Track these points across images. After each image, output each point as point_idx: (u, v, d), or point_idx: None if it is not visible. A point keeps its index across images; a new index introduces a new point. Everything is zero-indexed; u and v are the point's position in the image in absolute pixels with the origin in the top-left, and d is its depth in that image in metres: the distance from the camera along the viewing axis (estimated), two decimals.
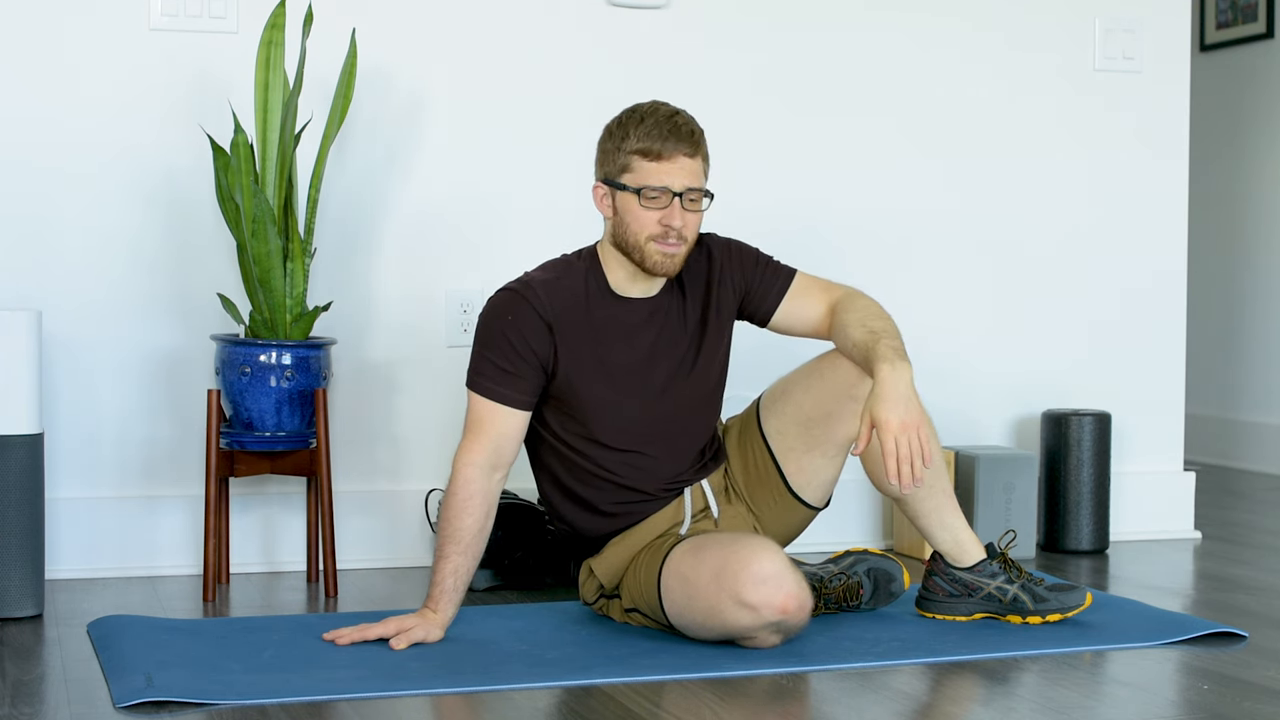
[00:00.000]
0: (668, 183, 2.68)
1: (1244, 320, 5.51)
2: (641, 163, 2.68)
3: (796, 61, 3.73)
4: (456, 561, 2.71)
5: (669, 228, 2.68)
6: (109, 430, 3.36)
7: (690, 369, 2.82)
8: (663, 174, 2.67)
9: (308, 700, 2.35)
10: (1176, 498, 4.01)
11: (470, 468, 2.72)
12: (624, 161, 2.70)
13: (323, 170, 3.21)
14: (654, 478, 2.81)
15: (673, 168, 2.68)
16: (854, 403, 2.82)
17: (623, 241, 2.73)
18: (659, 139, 2.67)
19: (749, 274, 2.86)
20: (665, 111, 2.70)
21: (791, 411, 2.87)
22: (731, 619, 2.60)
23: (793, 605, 2.58)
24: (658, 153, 2.67)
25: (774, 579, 2.56)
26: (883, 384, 2.62)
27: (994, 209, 3.88)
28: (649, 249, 2.70)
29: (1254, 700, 2.42)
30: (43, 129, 3.30)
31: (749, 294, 2.87)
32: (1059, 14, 3.91)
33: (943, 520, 2.91)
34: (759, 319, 2.90)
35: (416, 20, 3.50)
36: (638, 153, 2.68)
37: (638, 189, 2.68)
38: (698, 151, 2.70)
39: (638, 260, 2.72)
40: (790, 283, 2.87)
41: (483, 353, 2.74)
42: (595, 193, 2.76)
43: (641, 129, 2.68)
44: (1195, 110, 4.63)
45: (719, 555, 2.62)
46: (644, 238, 2.70)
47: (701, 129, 2.74)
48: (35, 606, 2.94)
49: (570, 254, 2.84)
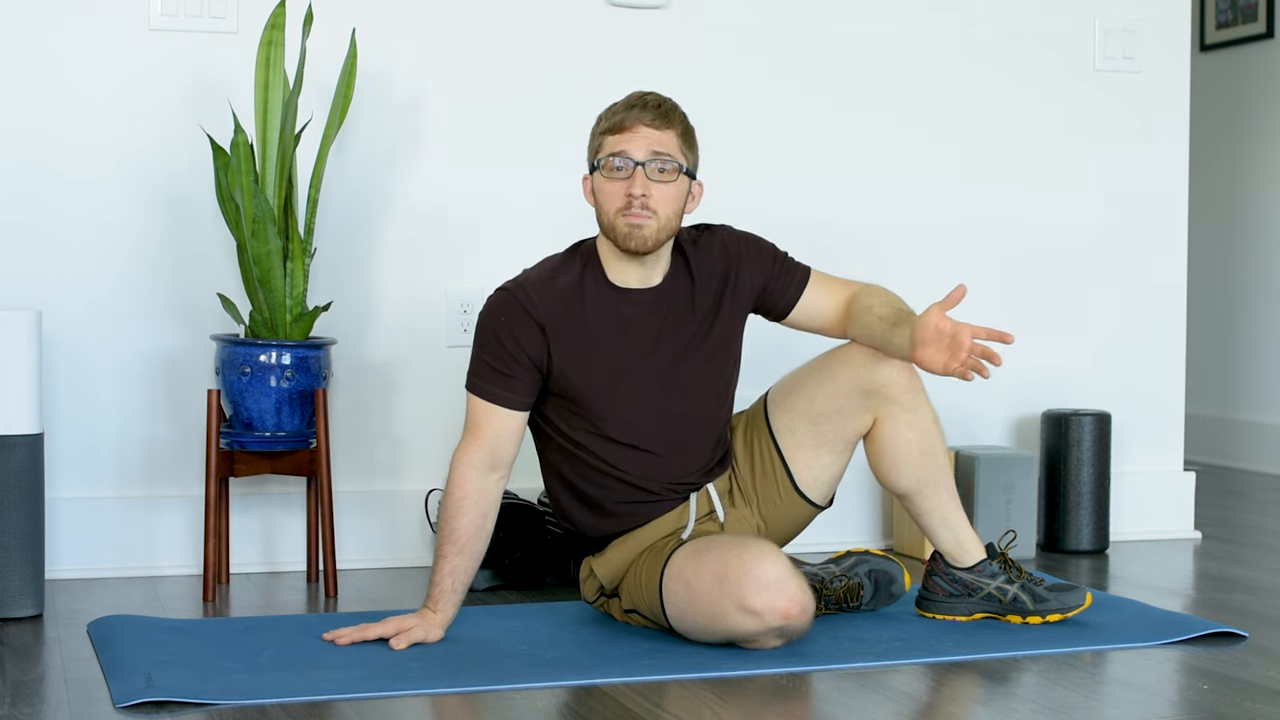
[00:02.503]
0: (626, 149, 2.68)
1: (1244, 320, 5.51)
2: (606, 138, 2.71)
3: (796, 62, 3.73)
4: (454, 562, 2.71)
5: (631, 196, 2.67)
6: (109, 430, 3.36)
7: (697, 354, 2.80)
8: (623, 142, 2.69)
9: (308, 700, 2.35)
10: (1176, 498, 4.01)
11: (466, 468, 2.72)
12: (595, 144, 2.74)
13: (323, 170, 3.21)
14: (660, 476, 2.80)
15: (634, 136, 2.69)
16: (865, 399, 2.82)
17: (601, 224, 2.74)
18: (622, 111, 2.71)
19: (768, 269, 2.86)
20: (638, 93, 2.74)
21: (802, 407, 2.87)
22: (734, 624, 2.60)
23: (795, 610, 2.58)
24: (619, 124, 2.70)
25: (777, 584, 2.56)
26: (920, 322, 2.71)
27: (993, 209, 3.88)
28: (618, 223, 2.69)
29: (1254, 700, 2.42)
30: (42, 129, 3.30)
31: (767, 289, 2.86)
32: (1059, 14, 3.91)
33: (945, 519, 2.91)
34: (776, 314, 2.90)
35: (416, 20, 3.50)
36: (604, 131, 2.72)
37: (602, 163, 2.71)
38: (667, 124, 2.70)
39: (614, 239, 2.72)
40: (808, 278, 2.88)
41: (479, 354, 2.75)
42: (584, 186, 2.79)
43: (609, 110, 2.74)
44: (1195, 110, 4.63)
45: (721, 559, 2.61)
46: (613, 212, 2.70)
47: (678, 109, 2.74)
48: (35, 606, 2.94)
49: (569, 248, 2.84)
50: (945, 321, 2.70)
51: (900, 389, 2.83)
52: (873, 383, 2.81)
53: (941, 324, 2.69)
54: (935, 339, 2.70)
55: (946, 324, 2.69)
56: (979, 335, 2.70)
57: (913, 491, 2.89)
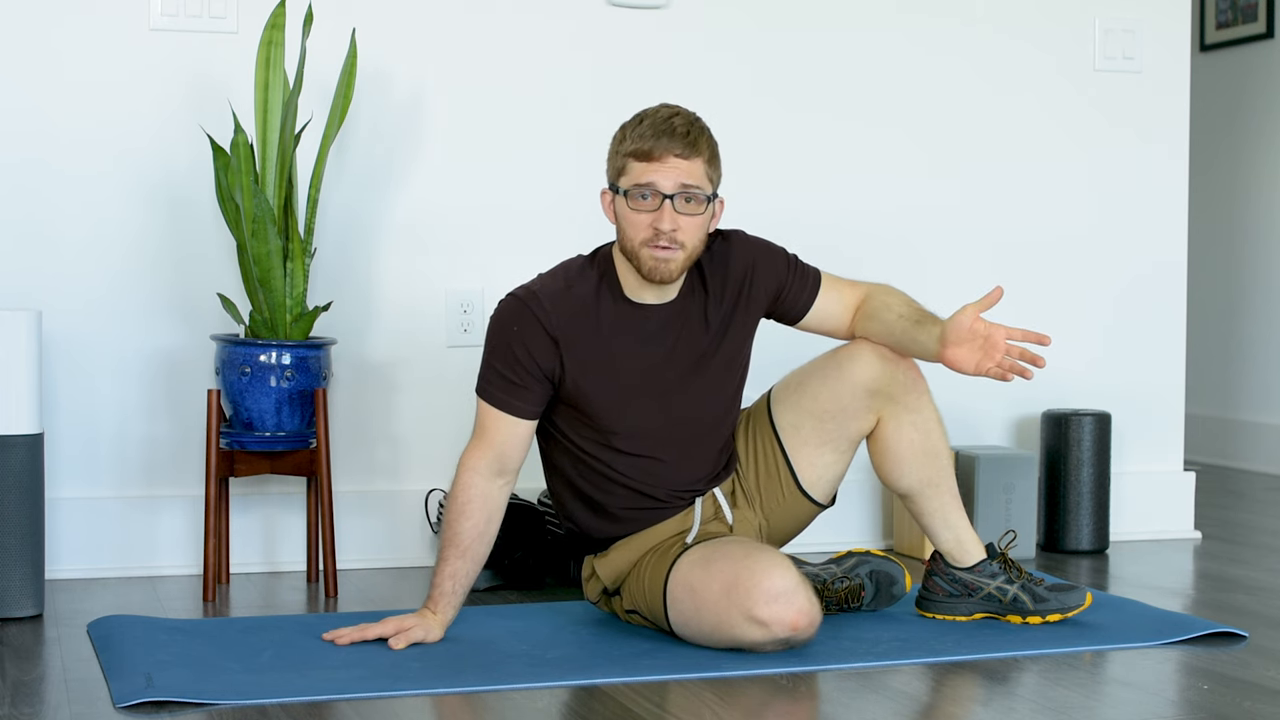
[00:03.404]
0: (655, 181, 2.63)
1: (1244, 320, 5.51)
2: (633, 164, 2.65)
3: (796, 62, 3.73)
4: (456, 565, 2.70)
5: (658, 230, 2.63)
6: (109, 430, 3.36)
7: (709, 367, 2.79)
8: (650, 173, 2.63)
9: (307, 700, 2.35)
10: (1176, 498, 4.01)
11: (472, 472, 2.72)
12: (620, 164, 2.67)
13: (323, 170, 3.21)
14: (667, 483, 2.79)
15: (662, 168, 2.63)
16: (870, 398, 2.82)
17: (623, 247, 2.70)
18: (650, 139, 2.63)
19: (782, 275, 2.84)
20: (664, 114, 2.66)
21: (806, 405, 2.86)
22: (741, 633, 2.59)
23: (804, 622, 2.58)
24: (647, 152, 2.63)
25: (786, 595, 2.56)
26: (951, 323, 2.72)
27: (993, 210, 3.88)
28: (643, 254, 2.66)
29: (1254, 700, 2.42)
30: (42, 129, 3.30)
31: (781, 295, 2.85)
32: (1059, 14, 3.91)
33: (947, 519, 2.91)
34: (790, 319, 2.89)
35: (416, 21, 3.49)
36: (631, 154, 2.65)
37: (628, 190, 2.66)
38: (695, 153, 2.64)
39: (636, 266, 2.68)
40: (820, 282, 2.87)
41: (490, 361, 2.73)
42: (602, 199, 2.74)
43: (637, 131, 2.65)
44: (1195, 110, 4.63)
45: (730, 569, 2.60)
46: (638, 242, 2.65)
47: (705, 131, 2.68)
48: (35, 606, 2.94)
49: (585, 256, 2.80)
50: (980, 322, 2.71)
51: (905, 389, 2.83)
52: (878, 382, 2.81)
53: (976, 324, 2.71)
54: (969, 339, 2.71)
55: (981, 325, 2.71)
56: (1014, 336, 2.72)
57: (915, 492, 2.89)
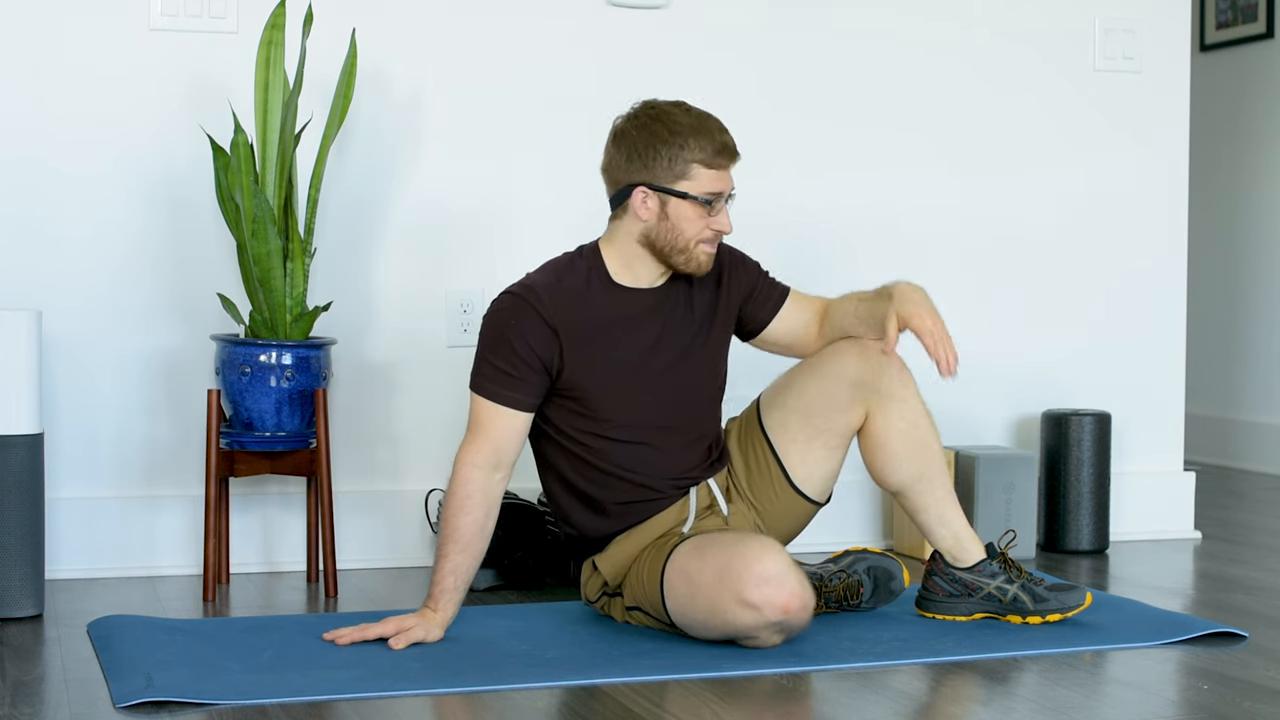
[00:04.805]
0: (724, 190, 2.78)
1: (1244, 320, 5.52)
2: (702, 171, 2.75)
3: (796, 62, 3.73)
4: (456, 561, 2.71)
5: (720, 231, 2.78)
6: (109, 430, 3.36)
7: (697, 350, 2.85)
8: (719, 183, 2.77)
9: (308, 700, 2.35)
10: (1176, 498, 4.01)
11: (469, 468, 2.73)
12: (681, 169, 2.75)
13: (323, 170, 3.21)
14: (660, 472, 2.82)
15: (725, 177, 2.79)
16: (855, 389, 2.85)
17: (666, 244, 2.77)
18: (719, 151, 2.76)
19: (753, 279, 2.94)
20: (715, 123, 2.78)
21: (793, 402, 2.89)
22: (734, 618, 2.60)
23: (795, 605, 2.59)
24: (717, 163, 2.76)
25: (777, 579, 2.57)
26: (904, 289, 2.82)
27: (993, 210, 3.88)
28: (697, 250, 2.78)
29: (1254, 700, 2.42)
30: (43, 129, 3.30)
31: (753, 294, 2.93)
32: (1059, 14, 3.91)
33: (943, 517, 2.91)
34: (754, 326, 2.95)
35: (416, 20, 3.50)
36: (699, 162, 2.75)
37: (699, 196, 2.75)
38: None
39: (679, 262, 2.78)
40: (786, 295, 2.96)
41: (486, 356, 2.76)
42: (635, 196, 2.77)
43: (699, 140, 2.75)
44: (1195, 110, 4.63)
45: (723, 554, 2.63)
46: (694, 241, 2.77)
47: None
48: (35, 606, 2.95)
49: (570, 252, 2.86)
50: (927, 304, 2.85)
51: (889, 378, 2.86)
52: (862, 373, 2.84)
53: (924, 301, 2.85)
54: (921, 298, 2.82)
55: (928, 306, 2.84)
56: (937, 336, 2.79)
57: (907, 486, 2.90)
